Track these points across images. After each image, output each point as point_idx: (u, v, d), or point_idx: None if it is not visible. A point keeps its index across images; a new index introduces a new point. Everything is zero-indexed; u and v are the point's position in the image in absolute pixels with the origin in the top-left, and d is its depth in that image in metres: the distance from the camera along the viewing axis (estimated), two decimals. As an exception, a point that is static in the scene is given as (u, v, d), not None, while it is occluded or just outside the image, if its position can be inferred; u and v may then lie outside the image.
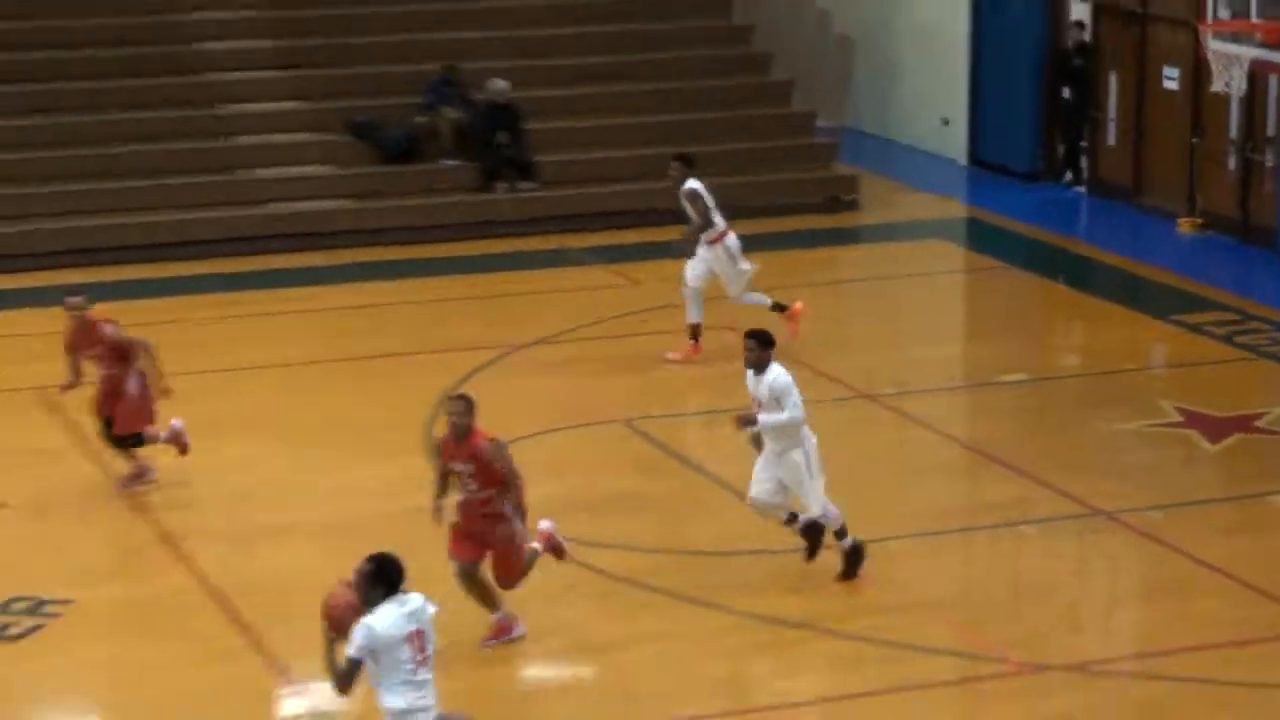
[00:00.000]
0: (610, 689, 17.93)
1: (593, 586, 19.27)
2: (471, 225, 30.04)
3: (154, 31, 33.60)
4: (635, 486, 21.83)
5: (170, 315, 27.89)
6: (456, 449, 17.23)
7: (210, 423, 21.61)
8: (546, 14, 34.81)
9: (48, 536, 21.00)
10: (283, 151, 32.10)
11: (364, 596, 13.92)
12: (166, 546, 20.02)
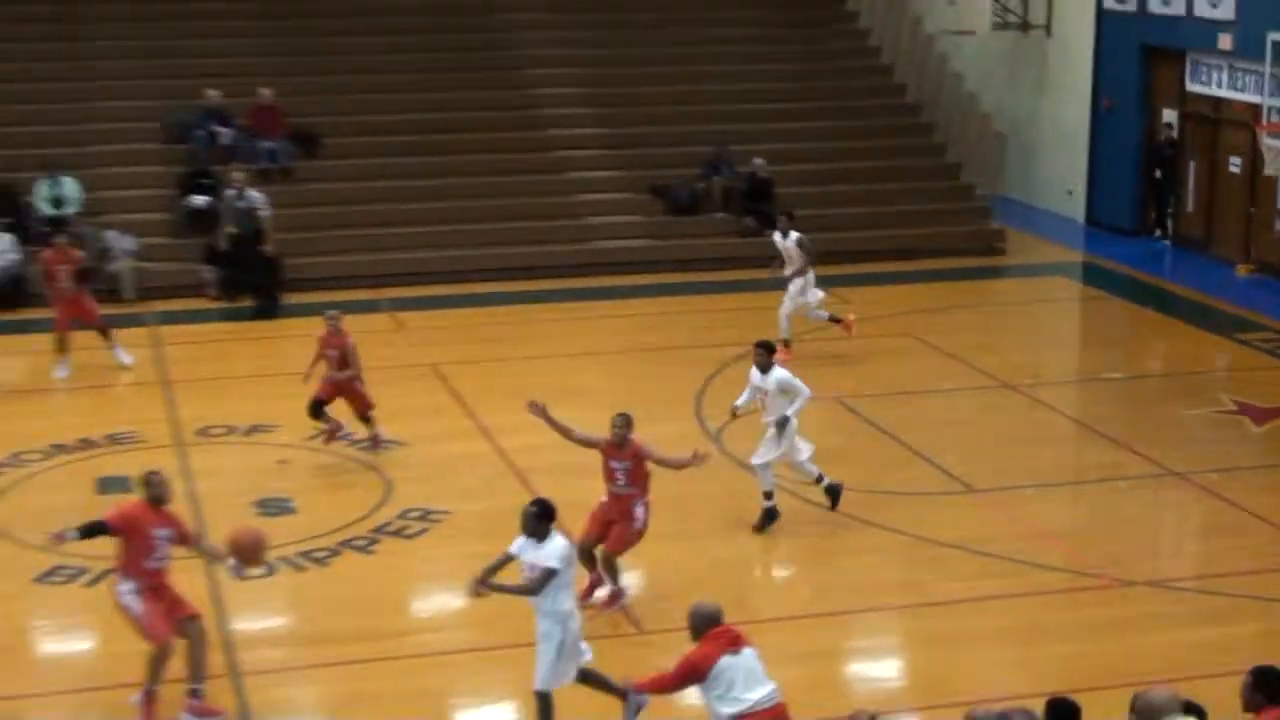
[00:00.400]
0: (823, 583, 18.11)
1: (811, 515, 19.41)
2: (733, 259, 30.24)
3: (520, 120, 33.95)
4: (843, 444, 21.93)
5: (524, 318, 28.39)
6: (618, 451, 16.51)
7: (549, 391, 21.73)
8: (789, 113, 34.88)
9: (433, 466, 21.30)
10: (605, 205, 32.52)
11: (534, 529, 13.90)
12: (518, 478, 20.33)
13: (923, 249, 31.72)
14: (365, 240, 30.99)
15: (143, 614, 14.28)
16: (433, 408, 23.45)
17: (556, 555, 13.69)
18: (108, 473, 20.97)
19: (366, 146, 32.98)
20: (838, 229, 32.02)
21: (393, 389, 23.62)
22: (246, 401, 23.67)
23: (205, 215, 30.29)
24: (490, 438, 22.07)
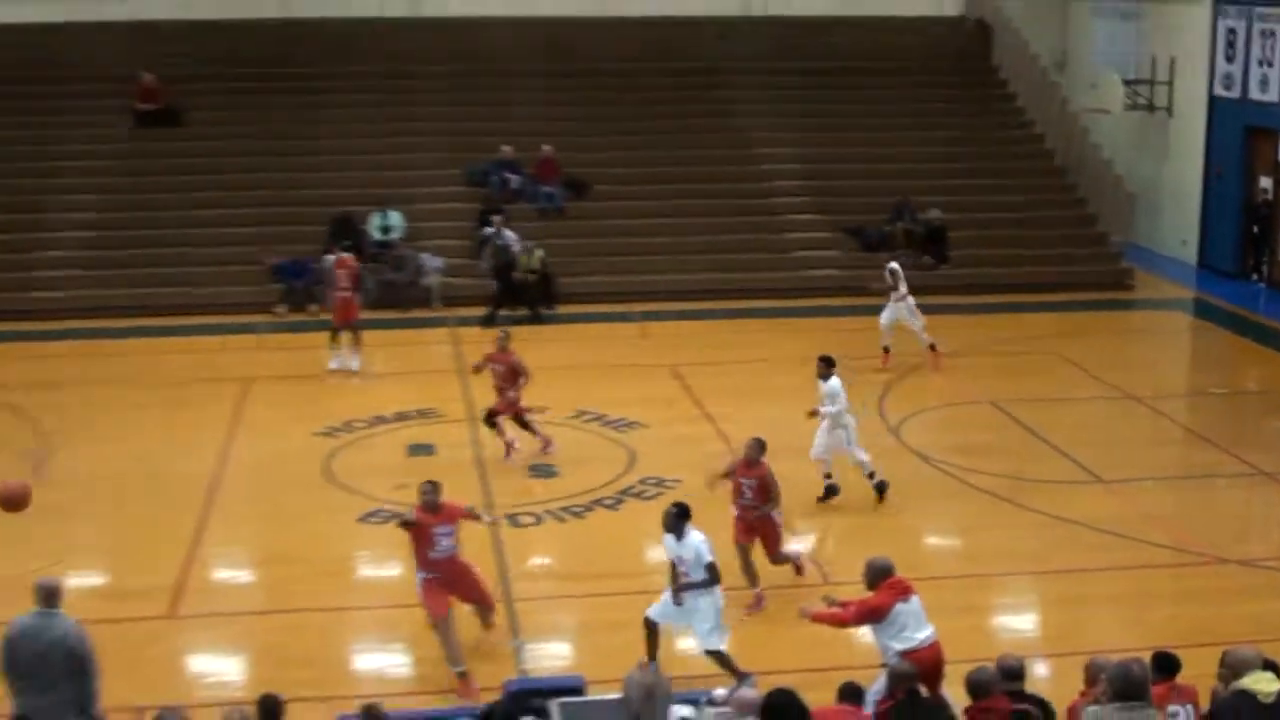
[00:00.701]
0: (973, 550, 17.94)
1: (969, 496, 19.30)
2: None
3: (742, 172, 34.06)
4: (995, 440, 21.71)
5: (742, 329, 28.42)
6: (747, 470, 15.83)
7: (759, 390, 21.65)
8: (958, 171, 34.46)
9: (667, 444, 21.23)
10: (809, 241, 32.38)
11: (674, 526, 13.73)
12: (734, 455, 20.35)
13: (1065, 284, 31.17)
14: (620, 265, 31.19)
15: (422, 595, 14.33)
16: (668, 398, 23.54)
17: (707, 548, 13.65)
18: (417, 440, 21.43)
19: (623, 191, 33.29)
20: (996, 266, 31.67)
21: (638, 383, 23.85)
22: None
23: (487, 242, 30.73)
24: (714, 423, 22.15)
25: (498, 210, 31.37)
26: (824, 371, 18.58)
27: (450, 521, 14.30)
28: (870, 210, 32.80)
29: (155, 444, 21.53)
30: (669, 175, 33.57)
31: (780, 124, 35.33)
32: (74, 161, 32.89)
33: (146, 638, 15.15)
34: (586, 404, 22.91)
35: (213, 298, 29.43)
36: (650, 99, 35.27)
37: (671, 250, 31.73)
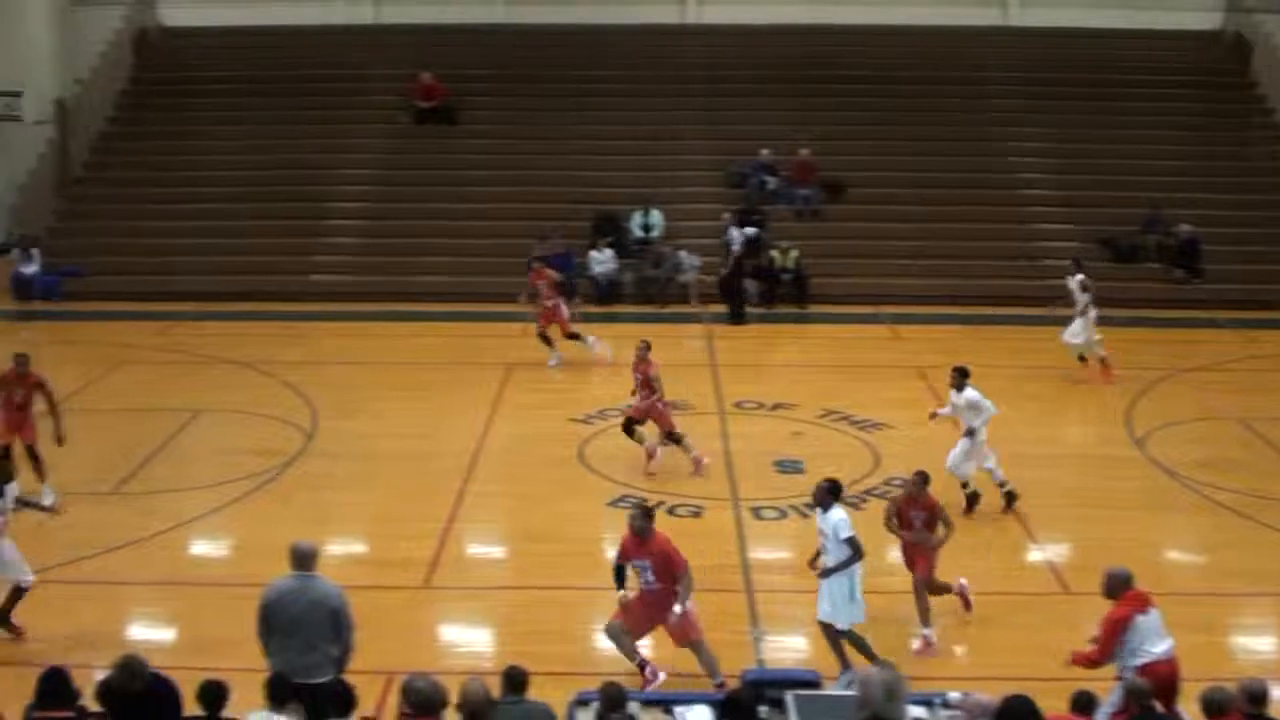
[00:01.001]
0: (1209, 567, 17.16)
1: (1205, 509, 18.53)
2: (1162, 301, 29.06)
3: (994, 179, 33.38)
4: (1239, 456, 20.81)
5: (987, 334, 27.55)
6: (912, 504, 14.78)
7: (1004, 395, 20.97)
8: (1214, 185, 33.13)
9: (911, 445, 20.44)
10: (1060, 251, 31.18)
11: (821, 500, 13.56)
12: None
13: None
14: (873, 267, 30.83)
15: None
16: (914, 400, 23.10)
17: (846, 524, 13.41)
18: (667, 430, 21.46)
19: (877, 195, 32.89)
20: (1250, 281, 30.50)
21: (884, 384, 23.49)
22: (773, 384, 23.87)
23: (753, 242, 30.63)
24: (959, 427, 21.61)
25: (755, 211, 31.35)
26: (958, 382, 18.07)
27: (651, 558, 13.37)
28: (1122, 221, 31.80)
29: (419, 423, 21.94)
30: (923, 180, 33.00)
31: (1034, 133, 34.49)
32: (355, 155, 33.92)
33: (402, 606, 15.38)
34: (834, 403, 22.61)
35: (479, 287, 29.90)
36: (906, 105, 34.75)
37: (923, 254, 31.23)
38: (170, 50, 37.58)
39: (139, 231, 32.28)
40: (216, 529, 17.96)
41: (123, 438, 21.40)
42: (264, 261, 30.91)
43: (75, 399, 23.26)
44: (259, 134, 34.38)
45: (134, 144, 35.12)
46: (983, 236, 31.76)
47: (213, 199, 32.84)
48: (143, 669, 10.15)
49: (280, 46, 36.67)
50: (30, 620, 15.06)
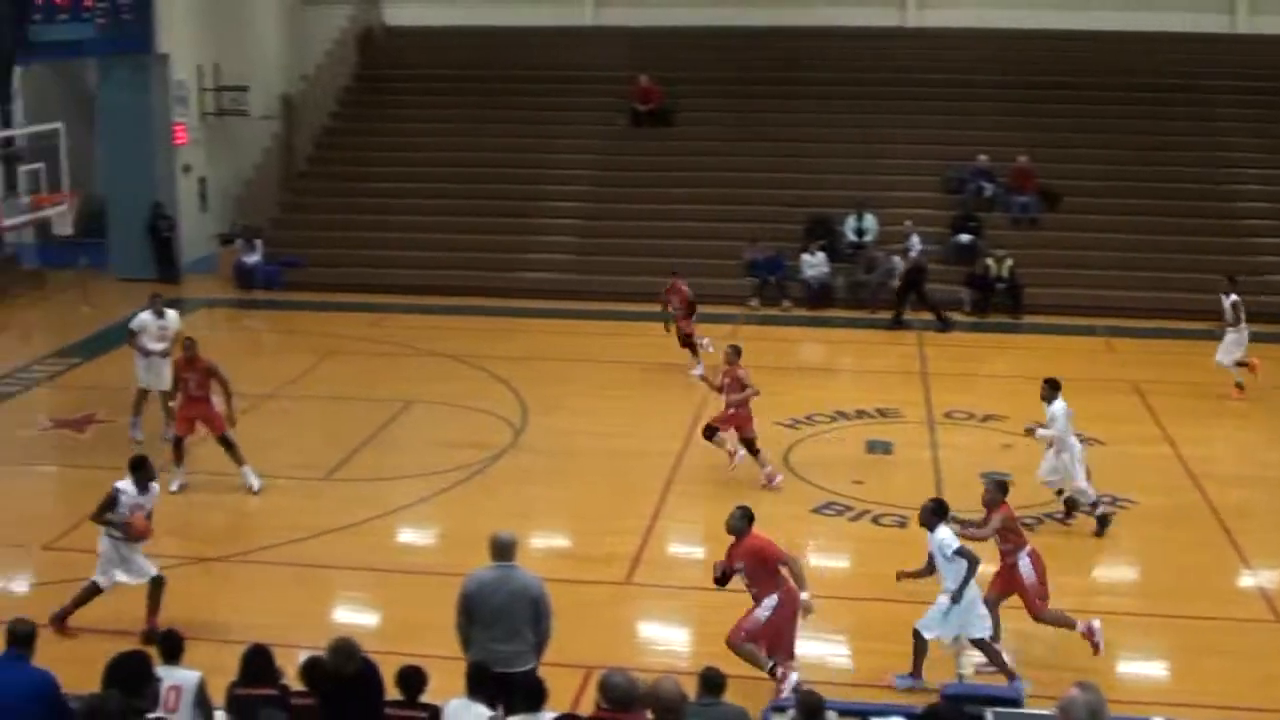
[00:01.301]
0: None
1: None
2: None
3: (1211, 191, 32.35)
4: None
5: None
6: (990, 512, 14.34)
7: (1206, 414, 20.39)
8: None
9: (1123, 463, 20.19)
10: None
11: (926, 521, 13.40)
12: (1193, 480, 19.29)
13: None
14: (1088, 278, 30.12)
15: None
16: (1126, 416, 22.57)
17: (950, 542, 13.20)
18: (874, 436, 21.22)
19: (1096, 205, 32.10)
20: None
21: (1095, 399, 22.84)
22: (985, 395, 23.49)
23: (968, 249, 30.24)
24: (1173, 445, 21.08)
25: (971, 217, 30.95)
26: (1047, 394, 17.78)
27: (744, 559, 13.28)
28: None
29: (625, 421, 22.09)
30: (1143, 190, 32.20)
31: (1260, 144, 33.34)
32: (571, 155, 34.31)
33: (602, 601, 15.50)
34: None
35: (691, 288, 29.93)
36: (1127, 113, 33.93)
37: (1140, 266, 30.40)
38: (393, 48, 38.45)
39: (357, 225, 33.06)
40: (423, 518, 18.31)
41: (336, 426, 21.93)
42: (477, 258, 31.42)
43: (291, 387, 23.98)
44: (476, 132, 34.97)
45: (355, 139, 35.98)
46: (1202, 249, 30.75)
47: (429, 195, 33.52)
48: (357, 652, 10.34)
49: (500, 46, 37.24)
50: (236, 599, 15.58)
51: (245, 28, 36.08)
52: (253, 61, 35.89)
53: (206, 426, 18.91)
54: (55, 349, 26.61)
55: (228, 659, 10.81)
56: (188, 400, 18.78)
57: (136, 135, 32.34)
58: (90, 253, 31.65)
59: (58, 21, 27.70)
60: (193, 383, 18.67)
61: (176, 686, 10.22)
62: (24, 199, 21.19)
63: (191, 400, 18.76)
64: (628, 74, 35.42)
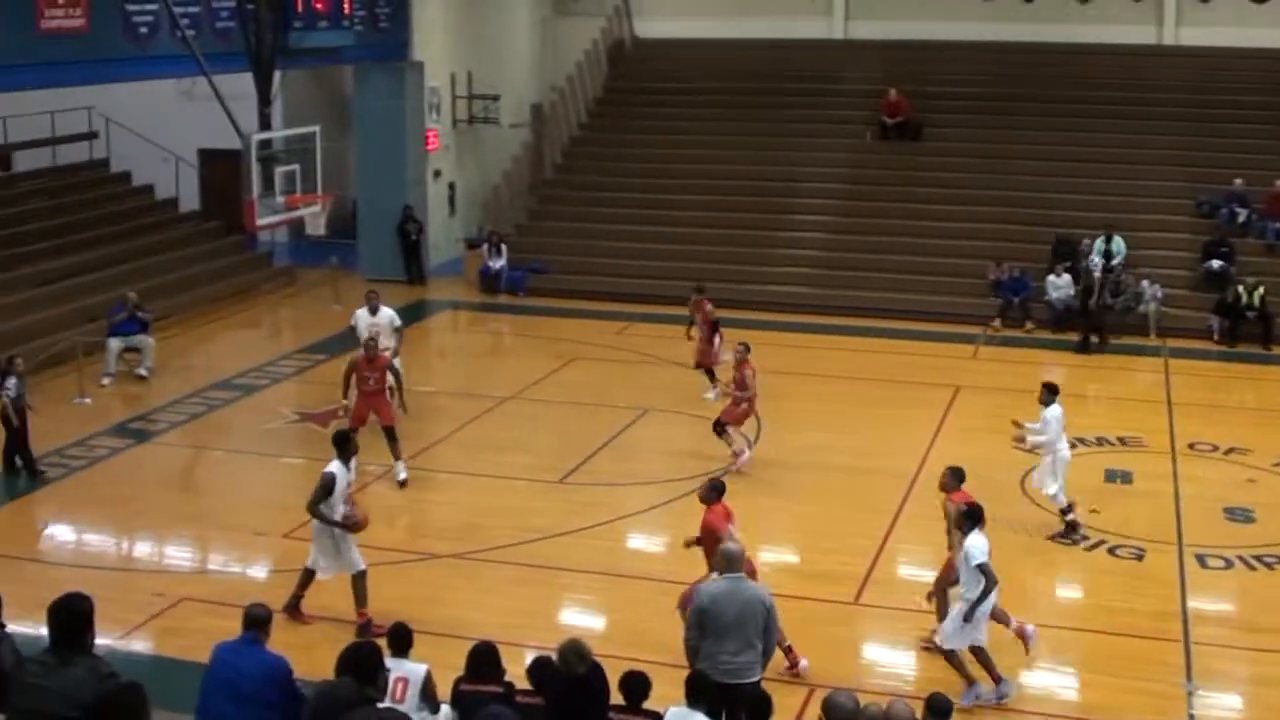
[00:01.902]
0: None
1: None
2: None
3: None
4: None
5: None
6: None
7: None
8: None
9: None
10: None
11: (961, 525, 13.44)
12: None
13: None
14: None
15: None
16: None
17: (979, 551, 13.31)
18: (1113, 465, 20.76)
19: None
20: None
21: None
22: (1231, 427, 22.77)
23: (1218, 276, 29.37)
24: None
25: (1223, 243, 30.04)
26: (1045, 398, 18.09)
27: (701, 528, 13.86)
28: None
29: (862, 438, 22.01)
30: None
31: None
32: (818, 168, 34.27)
33: (829, 619, 15.47)
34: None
35: (933, 305, 29.72)
36: None
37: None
38: (643, 60, 38.88)
39: (601, 233, 33.50)
40: (654, 525, 18.48)
41: (573, 430, 22.26)
42: (721, 269, 31.48)
43: (531, 390, 24.43)
44: (722, 144, 35.16)
45: (602, 149, 36.47)
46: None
47: (674, 206, 33.78)
48: (588, 654, 10.49)
49: (749, 59, 37.39)
50: (465, 596, 15.92)
51: (498, 38, 36.87)
52: (504, 71, 36.65)
53: (377, 416, 19.64)
54: (303, 345, 27.56)
55: (454, 654, 11.07)
56: (363, 395, 19.68)
57: (390, 140, 33.34)
58: (340, 253, 32.63)
59: (318, 29, 28.66)
60: (372, 380, 19.57)
61: (404, 678, 10.53)
62: (279, 199, 21.93)
63: (367, 395, 19.61)
64: (877, 87, 35.28)
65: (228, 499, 19.37)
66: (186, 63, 22.94)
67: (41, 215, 31.09)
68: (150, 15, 25.03)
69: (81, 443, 21.58)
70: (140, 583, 16.32)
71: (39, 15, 22.74)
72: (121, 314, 25.29)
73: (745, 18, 38.05)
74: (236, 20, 25.08)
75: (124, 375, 25.10)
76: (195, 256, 32.42)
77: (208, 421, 23.05)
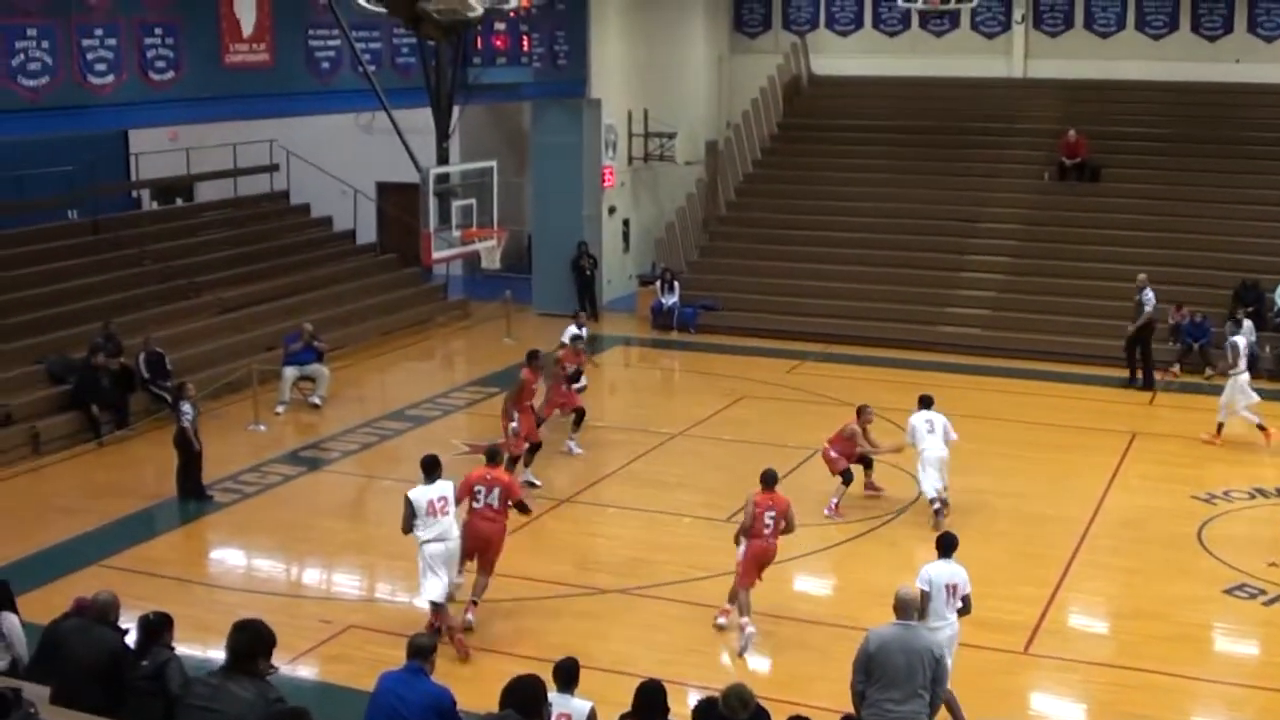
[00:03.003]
0: None
1: None
2: None
3: None
4: None
5: None
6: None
7: None
8: None
9: None
10: None
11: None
12: None
13: None
14: None
15: None
16: None
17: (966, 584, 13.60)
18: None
19: None
20: None
21: None
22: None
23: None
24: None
25: None
26: (925, 398, 20.18)
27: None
28: None
29: (1035, 484, 21.62)
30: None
31: None
32: (995, 208, 33.85)
33: (998, 669, 15.18)
34: None
35: (1109, 350, 29.07)
36: None
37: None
38: (818, 97, 38.81)
39: (773, 271, 33.42)
40: (820, 567, 18.34)
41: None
42: (893, 309, 31.27)
43: (699, 428, 24.47)
44: (897, 182, 34.92)
45: (776, 186, 36.43)
46: None
47: (846, 244, 33.62)
48: (752, 699, 10.36)
49: (926, 97, 37.14)
50: (631, 634, 15.97)
51: (675, 76, 37.08)
52: (681, 108, 36.84)
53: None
54: (476, 377, 27.90)
55: (617, 691, 11.04)
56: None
57: (566, 176, 33.68)
58: (514, 287, 33.01)
59: (496, 65, 29.13)
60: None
61: (567, 715, 10.51)
62: (455, 232, 22.23)
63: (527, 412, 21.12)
64: (1055, 127, 34.78)
65: (396, 528, 19.61)
66: (367, 97, 23.35)
67: (223, 245, 31.95)
68: (332, 50, 25.66)
69: (255, 469, 22.11)
70: (308, 609, 16.64)
71: (225, 50, 23.44)
72: (297, 343, 25.88)
73: (922, 56, 37.85)
74: (417, 56, 25.52)
75: (298, 403, 25.65)
76: (371, 288, 33.05)
77: (379, 451, 23.43)
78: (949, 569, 13.52)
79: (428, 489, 15.29)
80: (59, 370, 24.26)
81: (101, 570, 17.65)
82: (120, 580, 16.61)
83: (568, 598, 16.90)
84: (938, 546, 13.74)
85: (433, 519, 15.20)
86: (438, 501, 15.27)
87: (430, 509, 15.19)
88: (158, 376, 24.63)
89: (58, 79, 20.57)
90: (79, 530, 19.28)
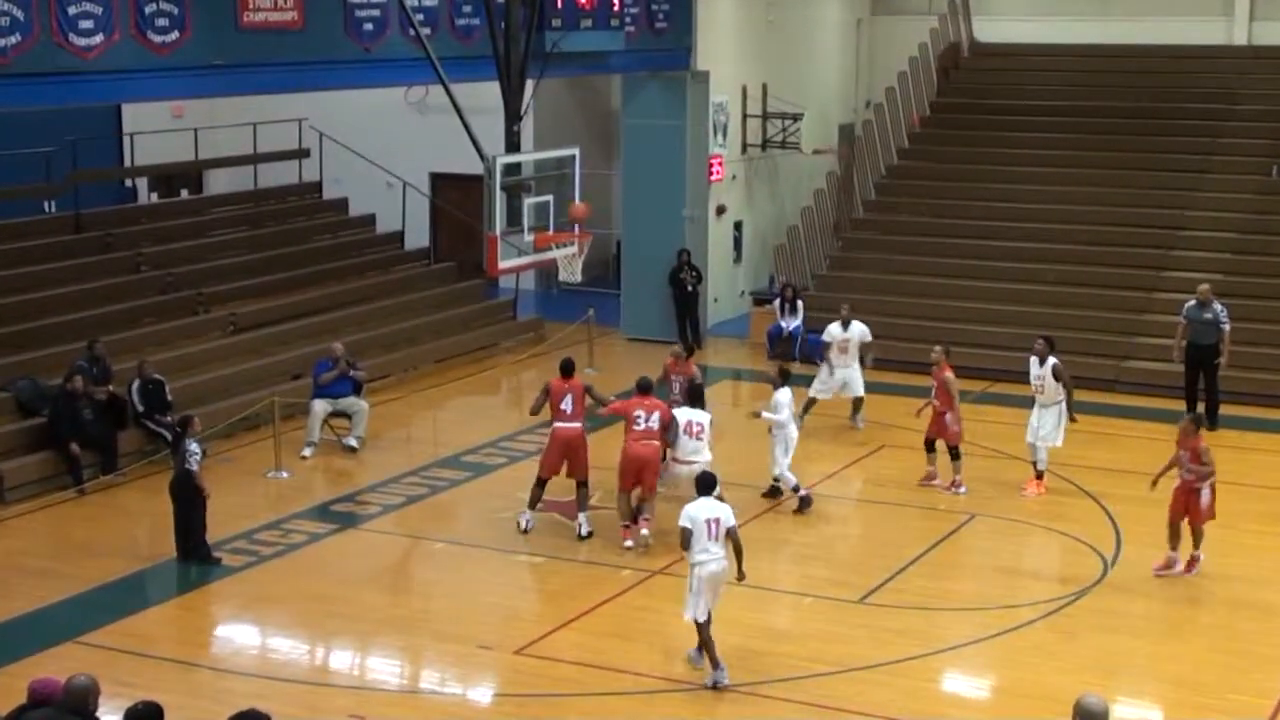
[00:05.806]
0: None
1: None
2: None
3: None
4: None
5: None
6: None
7: None
8: None
9: None
10: None
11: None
12: None
13: None
14: None
15: None
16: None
17: None
18: None
19: None
20: None
21: None
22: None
23: None
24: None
25: None
26: (777, 382, 22.76)
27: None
28: None
29: (1254, 563, 21.17)
30: None
31: None
32: (1207, 211, 33.66)
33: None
34: None
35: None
36: None
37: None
38: (982, 70, 38.67)
39: (920, 289, 33.07)
40: (980, 662, 18.03)
41: (880, 536, 22.01)
42: (1076, 338, 30.63)
43: (827, 484, 24.22)
44: (1080, 178, 34.61)
45: (925, 182, 36.22)
46: None
47: (1015, 255, 33.24)
48: None
49: (1116, 70, 36.87)
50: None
51: (801, 42, 36.96)
52: (808, 84, 36.75)
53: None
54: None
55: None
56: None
57: (664, 168, 33.56)
58: (599, 305, 32.93)
59: (581, 29, 28.84)
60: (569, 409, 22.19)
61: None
62: (527, 237, 22.16)
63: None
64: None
65: (448, 602, 19.58)
66: (419, 68, 23.41)
67: (238, 248, 32.21)
68: (377, 9, 25.67)
69: (274, 525, 22.15)
70: (335, 701, 16.56)
71: (242, 7, 23.43)
72: (329, 371, 25.87)
73: (1116, 18, 37.57)
74: (482, 17, 25.47)
75: (329, 445, 25.69)
76: (422, 304, 33.14)
77: (429, 506, 23.41)
78: (708, 505, 16.79)
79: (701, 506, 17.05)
80: (31, 399, 24.44)
81: (78, 648, 17.66)
82: (102, 661, 16.70)
83: (654, 694, 16.74)
84: (696, 485, 17.20)
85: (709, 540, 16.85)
86: (712, 524, 16.87)
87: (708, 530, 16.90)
88: (154, 409, 24.75)
89: (31, 38, 20.46)
90: (52, 598, 19.34)
